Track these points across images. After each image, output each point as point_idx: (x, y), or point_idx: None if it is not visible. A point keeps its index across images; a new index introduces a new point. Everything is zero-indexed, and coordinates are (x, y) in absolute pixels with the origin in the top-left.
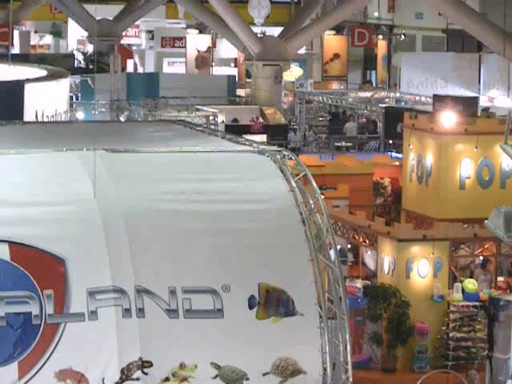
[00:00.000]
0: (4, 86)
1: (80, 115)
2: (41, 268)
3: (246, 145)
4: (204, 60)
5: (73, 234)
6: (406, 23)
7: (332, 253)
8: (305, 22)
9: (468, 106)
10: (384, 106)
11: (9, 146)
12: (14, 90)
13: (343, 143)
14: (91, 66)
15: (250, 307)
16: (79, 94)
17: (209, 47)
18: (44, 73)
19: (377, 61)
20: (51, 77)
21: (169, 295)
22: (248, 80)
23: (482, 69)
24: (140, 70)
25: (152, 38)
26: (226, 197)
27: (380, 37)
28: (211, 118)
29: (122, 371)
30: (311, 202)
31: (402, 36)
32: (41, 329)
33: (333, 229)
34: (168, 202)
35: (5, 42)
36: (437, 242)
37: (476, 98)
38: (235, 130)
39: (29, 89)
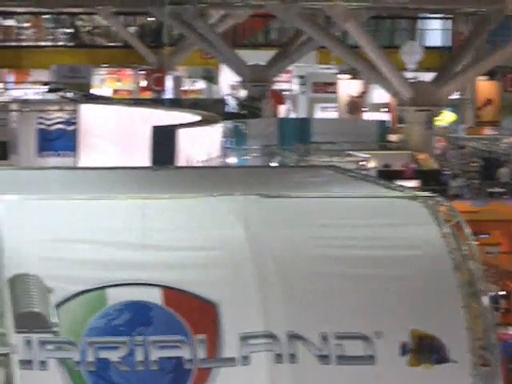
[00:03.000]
0: (157, 131)
1: (232, 160)
2: (193, 312)
3: (397, 190)
4: (356, 105)
5: (225, 279)
6: None
7: (485, 299)
8: (457, 68)
9: None
10: None
11: (162, 191)
12: (167, 135)
13: (496, 189)
14: (243, 111)
15: (402, 354)
16: (231, 139)
17: (361, 92)
18: (197, 118)
19: None
20: (204, 122)
21: (321, 341)
22: (400, 125)
23: None
24: (292, 115)
25: (304, 84)
26: (378, 242)
27: None
28: (363, 163)
29: None
30: (464, 248)
31: None
32: (193, 373)
33: (485, 275)
34: (320, 248)
35: (158, 87)
36: None
37: None
38: (387, 175)
39: (182, 134)
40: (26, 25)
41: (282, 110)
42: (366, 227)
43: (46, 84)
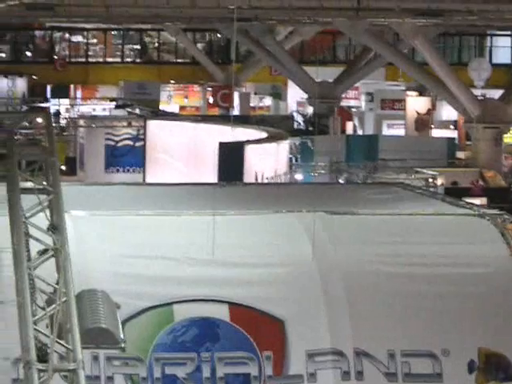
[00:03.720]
0: (225, 147)
1: (299, 177)
2: (260, 329)
3: (465, 208)
4: (423, 122)
5: (291, 296)
6: None
7: None
8: None
9: None
10: None
11: (229, 207)
12: (235, 152)
13: None
14: (311, 128)
15: (470, 372)
16: (299, 156)
17: (428, 109)
18: (264, 134)
19: None
20: (271, 139)
21: (388, 358)
22: (468, 142)
23: None
24: (359, 132)
25: (372, 100)
26: (445, 260)
27: None
28: (430, 180)
29: None
30: None
31: None
32: None
33: None
34: (387, 265)
35: (225, 104)
36: None
37: None
38: (455, 192)
39: (249, 150)
40: (94, 41)
41: (349, 127)
42: (434, 245)
43: (113, 100)
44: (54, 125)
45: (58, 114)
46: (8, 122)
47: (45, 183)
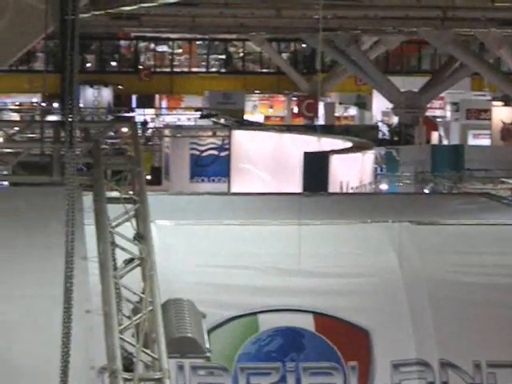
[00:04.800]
0: (310, 157)
1: (384, 187)
2: (345, 339)
3: None
4: (509, 132)
5: (377, 306)
6: None
7: None
8: None
9: None
10: None
11: (314, 217)
12: (320, 162)
13: None
14: (396, 138)
15: None
16: (384, 166)
17: None
18: (349, 144)
19: None
20: (356, 148)
21: (473, 369)
22: None
23: None
24: (445, 142)
25: (457, 110)
26: None
27: None
28: None
29: None
30: None
31: None
32: None
33: None
34: (472, 275)
35: (310, 114)
36: None
37: None
38: None
39: (334, 160)
40: (179, 51)
41: (435, 137)
42: None
43: (198, 110)
44: (139, 135)
45: (144, 123)
46: (94, 132)
47: (131, 193)
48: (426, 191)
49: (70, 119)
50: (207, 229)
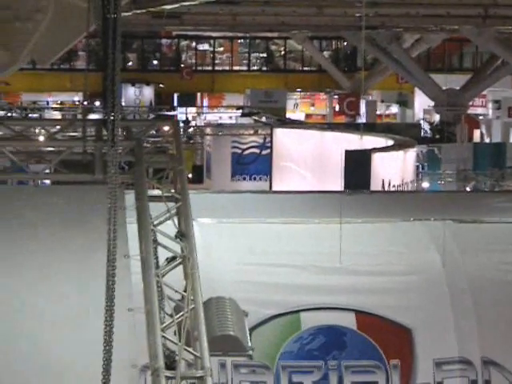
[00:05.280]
0: (351, 155)
1: (426, 185)
2: (387, 338)
3: None
4: None
5: (419, 304)
6: None
7: None
8: None
9: None
10: None
11: (356, 215)
12: (361, 160)
13: None
14: (437, 136)
15: None
16: (425, 164)
17: None
18: (391, 142)
19: None
20: (398, 146)
21: None
22: None
23: None
24: (486, 139)
25: (499, 108)
26: None
27: None
28: None
29: None
30: None
31: None
32: None
33: None
34: None
35: (352, 112)
36: None
37: None
38: None
39: (376, 158)
40: (220, 49)
41: (477, 135)
42: None
43: (239, 108)
44: (181, 133)
45: (186, 122)
46: (136, 131)
47: (173, 191)
48: (468, 189)
49: (112, 118)
50: (249, 227)
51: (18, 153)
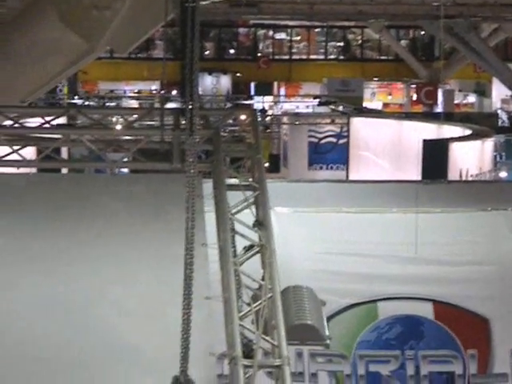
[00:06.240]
0: (429, 144)
1: (504, 174)
2: (464, 327)
3: None
4: None
5: (497, 294)
6: None
7: None
8: None
9: None
10: None
11: (433, 204)
12: (439, 149)
13: None
14: None
15: None
16: (503, 154)
17: None
18: (468, 132)
19: None
20: (475, 136)
21: None
22: None
23: None
24: None
25: None
26: None
27: None
28: None
29: None
30: None
31: None
32: None
33: None
34: None
35: (429, 101)
36: None
37: None
38: None
39: (454, 148)
40: (297, 38)
41: None
42: None
43: (316, 97)
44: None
45: (263, 111)
46: (213, 119)
47: (250, 180)
48: None
49: (190, 106)
50: (326, 216)
51: (96, 141)
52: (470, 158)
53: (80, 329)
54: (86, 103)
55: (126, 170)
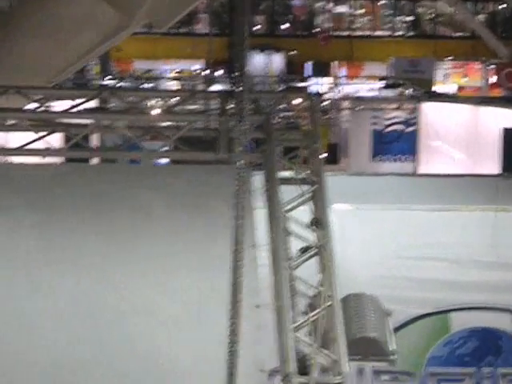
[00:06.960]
0: (510, 133)
1: None
2: None
3: None
4: None
5: None
6: None
7: None
8: None
9: None
10: None
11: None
12: None
13: None
14: None
15: None
16: None
17: None
18: None
19: None
20: None
21: None
22: None
23: None
24: None
25: None
26: None
27: None
28: None
29: None
30: None
31: None
32: None
33: None
34: None
35: (510, 84)
36: None
37: None
38: None
39: None
40: (360, 12)
41: None
42: None
43: (382, 79)
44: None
45: (320, 94)
46: (265, 104)
47: (307, 172)
48: None
49: (239, 89)
50: (392, 214)
51: (131, 128)
52: None
53: (116, 339)
54: (120, 84)
55: (165, 161)
